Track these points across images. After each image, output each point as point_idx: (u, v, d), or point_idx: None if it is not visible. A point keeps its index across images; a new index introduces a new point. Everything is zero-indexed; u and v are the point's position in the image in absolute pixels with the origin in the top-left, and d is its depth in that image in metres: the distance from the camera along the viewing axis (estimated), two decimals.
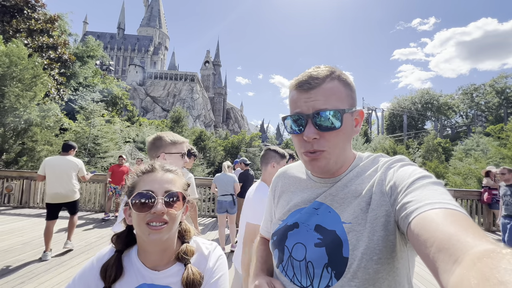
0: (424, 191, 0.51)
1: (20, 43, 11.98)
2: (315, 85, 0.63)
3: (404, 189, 0.55)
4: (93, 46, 31.20)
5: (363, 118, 0.69)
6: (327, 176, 0.70)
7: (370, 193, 0.62)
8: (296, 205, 0.74)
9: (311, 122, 0.63)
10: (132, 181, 0.79)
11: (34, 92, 11.25)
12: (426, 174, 0.56)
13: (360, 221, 0.60)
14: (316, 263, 0.62)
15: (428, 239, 0.41)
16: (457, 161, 19.48)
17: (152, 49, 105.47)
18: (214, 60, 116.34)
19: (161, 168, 0.79)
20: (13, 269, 3.51)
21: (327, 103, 0.62)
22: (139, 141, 29.06)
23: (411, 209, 0.49)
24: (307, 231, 0.67)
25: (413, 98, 57.04)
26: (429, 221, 0.43)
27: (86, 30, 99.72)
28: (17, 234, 5.04)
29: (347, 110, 0.64)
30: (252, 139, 53.28)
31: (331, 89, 0.63)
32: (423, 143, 31.93)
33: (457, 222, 0.41)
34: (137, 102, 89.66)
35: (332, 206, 0.66)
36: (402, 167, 0.62)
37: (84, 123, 16.56)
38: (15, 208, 7.33)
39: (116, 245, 0.78)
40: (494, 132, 25.59)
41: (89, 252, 4.29)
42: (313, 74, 0.64)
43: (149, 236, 0.71)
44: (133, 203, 0.73)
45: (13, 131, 10.90)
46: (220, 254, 0.86)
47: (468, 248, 0.35)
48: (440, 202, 0.46)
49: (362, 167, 0.69)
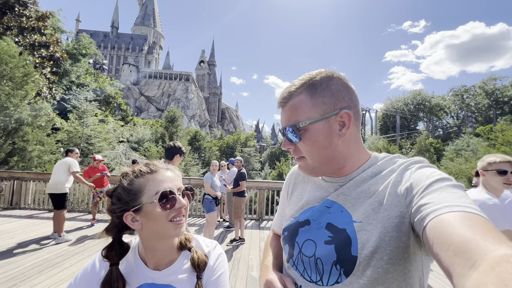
0: (442, 193, 0.50)
1: (11, 41, 11.75)
2: (282, 105, 0.71)
3: (421, 191, 0.54)
4: (85, 44, 30.74)
5: (353, 119, 0.67)
6: (336, 175, 0.72)
7: (384, 193, 0.61)
8: (308, 203, 0.76)
9: (284, 136, 0.71)
10: (134, 184, 0.76)
11: (25, 91, 11.05)
12: (446, 176, 0.55)
13: (371, 221, 0.60)
14: (325, 260, 0.63)
15: (445, 242, 0.40)
16: (448, 161, 19.90)
17: (147, 48, 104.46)
18: (209, 60, 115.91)
19: (162, 167, 0.81)
20: (4, 271, 3.46)
21: (289, 119, 0.68)
22: (133, 141, 28.77)
23: (428, 211, 0.48)
24: (318, 229, 0.68)
25: (406, 99, 57.96)
26: (446, 224, 0.42)
27: (79, 28, 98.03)
28: (8, 235, 4.95)
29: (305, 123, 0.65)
30: (247, 139, 53.26)
31: (293, 105, 0.68)
32: (415, 143, 32.50)
33: (475, 226, 0.40)
34: (131, 101, 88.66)
35: (345, 205, 0.67)
36: (420, 168, 0.61)
37: (76, 122, 16.33)
38: (5, 209, 7.18)
39: (110, 260, 0.74)
40: (483, 132, 26.24)
41: (82, 254, 4.24)
42: (283, 93, 0.71)
43: (175, 231, 0.75)
44: (160, 203, 0.73)
45: (3, 130, 10.68)
46: (220, 252, 0.86)
47: (486, 253, 0.34)
48: (459, 205, 0.45)
49: (378, 168, 0.68)
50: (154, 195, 0.73)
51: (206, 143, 41.62)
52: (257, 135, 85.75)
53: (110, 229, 0.76)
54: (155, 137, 31.54)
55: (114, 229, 0.76)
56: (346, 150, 0.69)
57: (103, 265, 0.77)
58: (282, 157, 42.14)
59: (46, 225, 5.71)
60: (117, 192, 0.75)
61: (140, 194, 0.74)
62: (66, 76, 24.59)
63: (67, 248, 4.43)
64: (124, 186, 0.75)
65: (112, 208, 0.75)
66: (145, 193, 0.74)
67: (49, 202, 7.47)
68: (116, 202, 0.75)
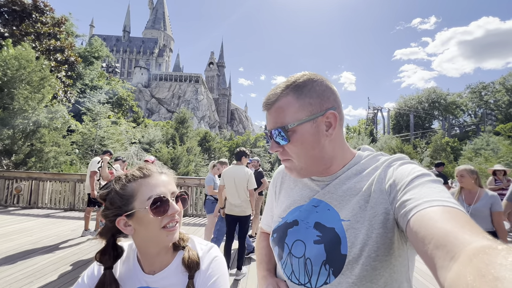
0: (423, 189, 0.51)
1: (28, 46, 12.20)
2: (268, 107, 0.69)
3: (403, 187, 0.55)
4: (97, 46, 31.60)
5: (338, 119, 0.67)
6: (323, 175, 0.72)
7: (369, 191, 0.62)
8: (295, 202, 0.76)
9: (271, 139, 0.70)
10: (127, 188, 0.73)
11: (42, 94, 11.43)
12: (425, 172, 0.57)
13: (358, 219, 0.61)
14: (315, 260, 0.63)
15: (426, 236, 0.41)
16: (467, 160, 19.11)
17: (157, 51, 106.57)
18: (218, 61, 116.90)
19: (156, 170, 0.79)
20: (22, 269, 3.53)
21: (276, 122, 0.67)
22: (144, 142, 29.33)
23: (410, 207, 0.49)
24: (307, 229, 0.68)
25: (420, 97, 56.27)
26: (427, 218, 0.44)
27: (93, 33, 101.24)
28: (26, 234, 5.09)
29: (293, 124, 0.65)
30: (257, 139, 53.28)
31: (279, 107, 0.66)
32: (430, 142, 31.43)
33: (454, 219, 0.41)
34: (143, 103, 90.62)
35: (331, 203, 0.67)
36: (401, 165, 0.62)
37: (90, 124, 16.79)
38: (24, 208, 7.43)
39: (104, 263, 0.74)
40: (504, 131, 25.05)
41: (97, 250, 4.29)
42: (268, 95, 0.69)
43: (167, 238, 0.73)
44: (152, 209, 0.70)
45: (22, 132, 11.08)
46: (215, 255, 0.81)
47: (465, 245, 0.35)
48: (438, 199, 0.47)
49: (362, 165, 0.69)
50: (147, 201, 0.70)
51: (216, 144, 41.94)
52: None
53: (103, 232, 0.75)
54: (165, 138, 32.04)
55: (107, 233, 0.75)
56: (332, 150, 0.69)
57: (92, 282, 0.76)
58: None
59: (62, 224, 5.85)
60: (110, 196, 0.73)
61: (133, 199, 0.72)
62: (80, 79, 25.36)
63: (82, 246, 4.49)
64: (116, 191, 0.73)
65: (105, 212, 0.74)
66: (137, 198, 0.72)
67: (65, 202, 7.68)
68: (109, 206, 0.73)
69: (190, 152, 30.08)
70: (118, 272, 0.78)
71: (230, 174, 3.88)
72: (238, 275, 3.58)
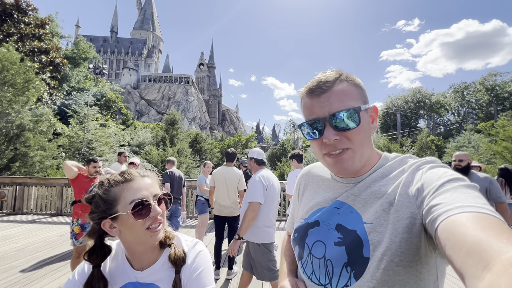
0: (454, 194, 0.48)
1: (12, 48, 11.83)
2: (326, 89, 0.64)
3: (432, 191, 0.52)
4: (84, 48, 30.86)
5: (378, 114, 0.69)
6: (351, 175, 0.69)
7: (395, 194, 0.60)
8: (318, 204, 0.75)
9: (329, 125, 0.63)
10: (109, 193, 0.77)
11: (26, 97, 11.12)
12: (459, 176, 0.53)
13: (382, 222, 0.59)
14: (336, 262, 0.62)
15: (457, 243, 0.39)
16: (450, 158, 19.79)
17: (146, 52, 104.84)
18: (209, 62, 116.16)
19: (139, 174, 0.82)
20: (7, 276, 3.47)
21: (341, 104, 0.63)
22: (134, 145, 28.82)
23: (440, 211, 0.47)
24: (328, 230, 0.67)
25: (406, 97, 57.82)
26: (458, 224, 0.41)
27: (79, 33, 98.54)
28: (11, 241, 4.97)
29: (362, 108, 0.64)
30: (248, 140, 53.27)
31: (342, 90, 0.64)
32: (416, 141, 32.40)
33: (489, 226, 0.39)
34: (132, 105, 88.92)
35: (354, 206, 0.66)
36: (431, 168, 0.59)
37: (77, 127, 16.38)
38: (8, 214, 7.22)
39: (92, 262, 0.78)
40: (485, 129, 26.11)
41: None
42: (322, 78, 0.65)
43: (152, 239, 0.77)
44: (133, 212, 0.74)
45: (5, 136, 10.74)
46: (200, 250, 0.86)
47: (499, 254, 0.33)
48: (472, 205, 0.44)
49: (388, 168, 0.67)
50: (129, 205, 0.74)
51: (207, 145, 41.66)
52: (258, 136, 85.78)
53: (91, 234, 0.79)
54: (156, 140, 31.59)
55: (94, 234, 0.79)
56: (371, 146, 0.68)
57: (82, 279, 0.80)
58: (283, 157, 42.13)
59: (49, 230, 5.74)
60: (95, 200, 0.78)
61: (116, 203, 0.76)
62: (66, 81, 24.69)
63: (70, 252, 4.44)
64: (100, 195, 0.77)
65: (91, 215, 0.77)
66: (120, 202, 0.76)
67: (51, 207, 7.51)
68: (94, 209, 0.77)
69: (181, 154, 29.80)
70: (108, 268, 0.82)
71: (220, 175, 3.89)
72: (229, 274, 3.62)
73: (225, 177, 3.84)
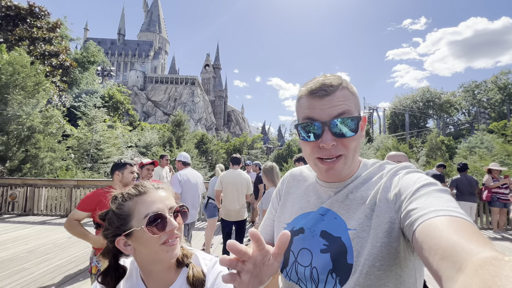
0: (429, 198, 0.51)
1: (23, 51, 12.09)
2: (330, 92, 0.63)
3: (409, 196, 0.54)
4: (93, 51, 31.44)
5: (365, 123, 0.70)
6: (338, 180, 0.70)
7: (375, 199, 0.62)
8: (302, 209, 0.75)
9: (328, 130, 0.63)
10: (123, 208, 0.73)
11: (36, 99, 11.33)
12: (432, 181, 0.56)
13: (364, 228, 0.61)
14: (321, 269, 0.63)
15: (432, 247, 0.41)
16: (462, 159, 19.30)
17: (153, 54, 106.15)
18: (214, 63, 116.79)
19: (153, 186, 0.77)
20: (18, 278, 3.48)
21: (344, 110, 0.63)
22: (141, 146, 29.13)
23: (416, 216, 0.48)
24: (313, 237, 0.67)
25: (414, 97, 56.93)
26: (433, 228, 0.43)
27: (87, 36, 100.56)
28: (21, 242, 5.02)
29: (360, 116, 0.66)
30: (254, 141, 53.24)
31: (344, 96, 0.64)
32: (426, 141, 31.72)
33: (461, 229, 0.41)
34: (139, 106, 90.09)
35: (338, 212, 0.67)
36: (407, 174, 0.62)
37: (86, 129, 16.63)
38: (19, 215, 7.33)
39: (106, 285, 0.73)
40: (497, 129, 25.37)
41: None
42: (326, 81, 0.64)
43: (168, 254, 0.71)
44: (148, 227, 0.69)
45: (16, 138, 10.95)
46: (220, 270, 0.80)
47: (471, 255, 0.35)
48: (444, 209, 0.46)
49: (368, 174, 0.69)
50: (143, 219, 0.70)
51: (213, 146, 41.76)
52: (264, 137, 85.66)
53: (105, 253, 0.74)
54: (162, 141, 31.84)
55: (109, 253, 0.74)
56: (358, 153, 0.70)
57: None
58: (289, 158, 41.92)
59: (59, 231, 5.79)
60: (109, 216, 0.73)
61: (130, 218, 0.71)
62: (76, 84, 25.16)
63: (79, 254, 4.45)
64: (113, 210, 0.72)
65: (105, 232, 0.73)
66: (134, 217, 0.71)
67: (61, 208, 7.59)
68: (108, 226, 0.73)
69: None
70: None
71: (229, 179, 3.83)
72: None
73: (235, 182, 3.82)
